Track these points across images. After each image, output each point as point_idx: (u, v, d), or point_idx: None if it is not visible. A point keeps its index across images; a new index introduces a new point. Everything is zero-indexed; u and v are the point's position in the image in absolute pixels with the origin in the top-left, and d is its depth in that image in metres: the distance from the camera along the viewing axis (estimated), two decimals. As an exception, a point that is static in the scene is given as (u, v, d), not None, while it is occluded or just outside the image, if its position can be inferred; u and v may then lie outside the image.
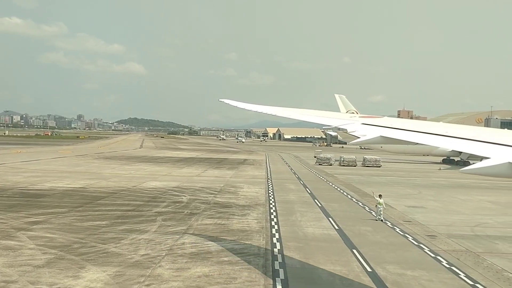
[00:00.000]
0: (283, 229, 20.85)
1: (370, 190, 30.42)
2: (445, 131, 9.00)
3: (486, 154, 7.59)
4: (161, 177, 41.72)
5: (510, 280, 14.49)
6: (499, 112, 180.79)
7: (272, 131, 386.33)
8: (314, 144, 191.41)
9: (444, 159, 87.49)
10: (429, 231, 21.93)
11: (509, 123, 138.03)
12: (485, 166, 7.29)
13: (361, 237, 20.04)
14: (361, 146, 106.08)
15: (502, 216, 26.89)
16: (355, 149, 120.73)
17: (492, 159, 7.31)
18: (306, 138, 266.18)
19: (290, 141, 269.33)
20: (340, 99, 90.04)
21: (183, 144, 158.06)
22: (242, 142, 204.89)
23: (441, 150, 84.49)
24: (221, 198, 29.46)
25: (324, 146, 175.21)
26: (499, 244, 19.59)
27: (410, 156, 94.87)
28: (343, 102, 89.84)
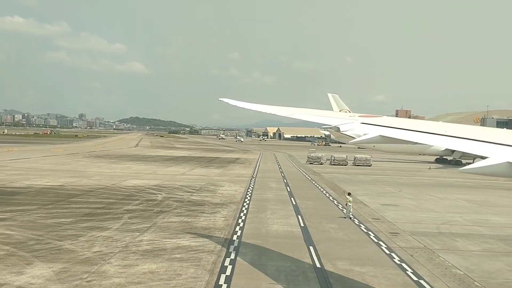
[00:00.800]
0: (247, 226, 21.06)
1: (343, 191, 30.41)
2: (444, 131, 9.11)
3: (485, 153, 7.72)
4: (145, 175, 41.98)
5: (456, 276, 14.69)
6: (497, 111, 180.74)
7: (272, 130, 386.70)
8: (313, 144, 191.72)
9: (437, 158, 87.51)
10: (394, 228, 22.12)
11: (506, 122, 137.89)
12: (484, 165, 7.42)
13: (323, 234, 20.25)
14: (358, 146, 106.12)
15: (472, 214, 27.03)
16: (352, 148, 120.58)
17: (491, 158, 7.43)
18: (306, 138, 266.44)
19: (290, 141, 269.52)
20: (333, 98, 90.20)
21: (180, 143, 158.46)
22: (240, 142, 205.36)
23: (434, 149, 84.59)
24: (197, 197, 29.69)
25: (323, 145, 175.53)
26: (459, 242, 19.74)
27: (406, 155, 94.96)
28: (336, 101, 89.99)
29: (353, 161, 69.85)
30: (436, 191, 38.57)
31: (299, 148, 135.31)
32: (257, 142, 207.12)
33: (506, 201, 33.98)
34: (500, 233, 21.87)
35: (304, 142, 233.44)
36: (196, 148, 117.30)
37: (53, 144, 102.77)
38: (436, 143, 8.85)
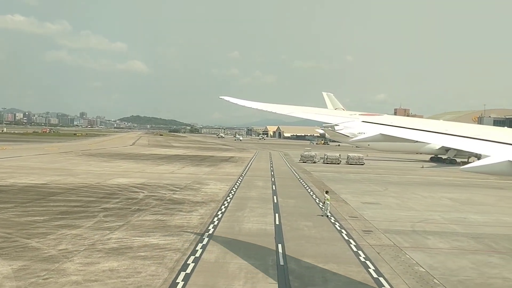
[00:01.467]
0: (222, 224, 21.14)
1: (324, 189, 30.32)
2: (445, 129, 9.08)
3: (486, 152, 7.70)
4: (133, 174, 42.10)
5: (417, 274, 14.74)
6: (495, 110, 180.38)
7: (272, 129, 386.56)
8: (312, 143, 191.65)
9: (432, 157, 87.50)
10: (369, 226, 22.19)
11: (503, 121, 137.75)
12: (485, 164, 7.43)
13: (295, 232, 20.32)
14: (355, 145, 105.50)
15: (452, 213, 27.06)
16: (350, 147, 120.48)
17: (492, 157, 7.42)
18: (306, 136, 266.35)
19: (290, 139, 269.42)
20: (328, 97, 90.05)
21: (178, 142, 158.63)
22: (239, 140, 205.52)
23: (429, 148, 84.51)
24: (179, 195, 29.79)
25: (321, 144, 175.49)
26: (430, 240, 19.81)
27: (403, 154, 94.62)
28: (331, 100, 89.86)
29: (346, 160, 69.98)
30: (422, 189, 38.61)
31: (297, 147, 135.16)
32: (256, 141, 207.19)
33: (490, 199, 34.01)
34: (474, 231, 21.94)
35: (303, 141, 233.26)
36: (192, 147, 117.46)
37: (50, 142, 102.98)
38: (437, 142, 8.86)
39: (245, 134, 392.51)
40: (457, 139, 8.39)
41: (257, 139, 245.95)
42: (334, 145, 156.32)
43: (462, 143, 8.24)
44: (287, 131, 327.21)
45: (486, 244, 19.37)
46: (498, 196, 35.86)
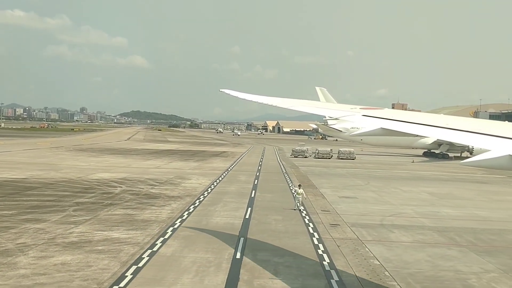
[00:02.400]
0: (190, 219, 21.23)
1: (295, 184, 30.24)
2: (446, 123, 9.08)
3: (486, 146, 7.73)
4: (117, 168, 42.21)
5: (370, 266, 14.76)
6: (493, 105, 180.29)
7: (271, 124, 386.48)
8: (310, 137, 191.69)
9: (425, 151, 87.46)
10: (338, 220, 22.30)
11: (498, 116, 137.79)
12: (485, 158, 7.50)
13: (262, 226, 20.42)
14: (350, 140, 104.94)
15: (426, 207, 27.16)
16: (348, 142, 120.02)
17: (492, 151, 7.47)
18: (305, 131, 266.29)
19: (289, 134, 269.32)
20: (321, 92, 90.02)
21: (175, 137, 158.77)
22: (238, 135, 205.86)
23: (421, 142, 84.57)
24: (157, 190, 29.87)
25: (320, 139, 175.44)
26: (395, 233, 19.90)
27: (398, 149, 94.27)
28: (324, 95, 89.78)
29: (338, 155, 70.14)
30: (405, 184, 38.71)
31: (293, 142, 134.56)
32: (254, 136, 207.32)
33: (470, 194, 34.09)
34: (442, 225, 22.05)
35: (302, 135, 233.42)
36: (188, 142, 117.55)
37: (44, 137, 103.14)
38: (438, 136, 8.89)
39: (245, 129, 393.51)
40: (458, 134, 8.40)
41: (256, 134, 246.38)
42: (331, 140, 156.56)
43: (463, 137, 8.29)
44: (286, 126, 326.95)
45: (449, 237, 19.48)
46: (479, 191, 35.93)
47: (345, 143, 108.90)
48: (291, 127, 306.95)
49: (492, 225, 22.45)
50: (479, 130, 8.27)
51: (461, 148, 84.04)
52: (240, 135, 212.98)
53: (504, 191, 36.56)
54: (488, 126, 8.72)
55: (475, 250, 17.50)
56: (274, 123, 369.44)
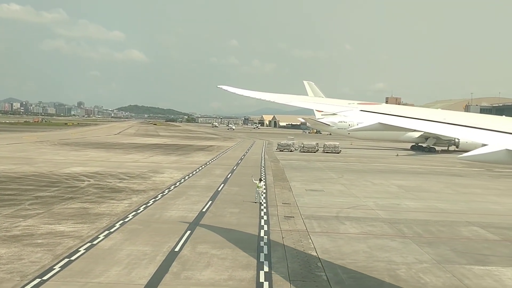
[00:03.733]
0: (145, 212, 21.32)
1: (251, 177, 30.23)
2: (443, 118, 9.11)
3: (483, 141, 7.77)
4: (94, 162, 42.21)
5: (306, 258, 14.97)
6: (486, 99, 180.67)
7: (268, 118, 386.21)
8: (304, 132, 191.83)
9: (412, 145, 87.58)
10: (295, 212, 22.44)
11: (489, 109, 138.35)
12: (482, 153, 7.54)
13: (215, 218, 20.54)
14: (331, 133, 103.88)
15: (389, 199, 27.29)
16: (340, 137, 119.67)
17: (489, 146, 7.49)
18: (301, 126, 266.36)
19: (285, 128, 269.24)
20: (308, 86, 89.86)
21: (168, 131, 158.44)
22: (232, 129, 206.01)
23: (408, 136, 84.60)
24: (124, 184, 29.91)
25: (314, 133, 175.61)
26: (345, 225, 20.07)
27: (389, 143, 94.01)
28: (312, 89, 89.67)
29: (323, 148, 70.31)
30: (378, 177, 38.84)
31: (286, 136, 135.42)
32: (249, 130, 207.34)
33: (439, 186, 34.23)
34: (396, 216, 22.21)
35: (298, 129, 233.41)
36: (178, 136, 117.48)
37: (34, 132, 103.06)
38: (435, 131, 8.88)
39: (242, 124, 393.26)
40: (455, 128, 8.42)
41: (252, 128, 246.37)
42: (325, 134, 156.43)
43: (460, 132, 8.32)
44: (282, 120, 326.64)
45: (398, 229, 19.65)
46: (449, 183, 36.02)
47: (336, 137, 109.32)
48: (287, 121, 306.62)
49: (447, 217, 22.65)
50: (476, 124, 8.34)
51: (447, 142, 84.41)
52: (235, 129, 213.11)
53: (474, 184, 36.70)
54: (485, 121, 8.78)
55: (418, 241, 17.71)
56: (271, 117, 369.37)
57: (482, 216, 22.84)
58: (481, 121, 8.72)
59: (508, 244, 17.54)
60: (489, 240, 18.21)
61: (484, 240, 18.16)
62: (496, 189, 33.51)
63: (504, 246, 17.34)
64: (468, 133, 8.08)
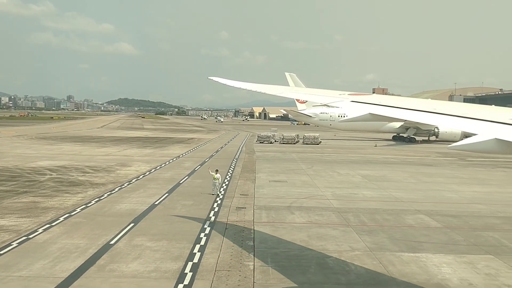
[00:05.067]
0: (95, 205, 21.18)
1: (208, 168, 30.00)
2: (433, 108, 9.12)
3: (473, 130, 7.77)
4: (64, 156, 41.82)
5: (241, 248, 15.02)
6: (472, 88, 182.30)
7: (258, 110, 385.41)
8: (292, 123, 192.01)
9: (394, 135, 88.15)
10: (249, 203, 22.50)
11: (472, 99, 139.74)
12: (472, 142, 7.59)
13: (165, 211, 20.49)
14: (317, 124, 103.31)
15: (348, 189, 27.49)
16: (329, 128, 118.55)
17: (479, 135, 7.51)
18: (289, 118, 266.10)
19: (275, 120, 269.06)
20: (290, 77, 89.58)
21: (154, 124, 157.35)
22: (220, 122, 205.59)
23: (389, 127, 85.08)
24: (86, 177, 29.64)
25: (302, 124, 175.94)
26: (294, 215, 20.18)
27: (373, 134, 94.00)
28: (294, 81, 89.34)
29: (303, 140, 70.54)
30: (346, 167, 39.02)
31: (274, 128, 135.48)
32: (238, 123, 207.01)
33: (403, 175, 34.54)
34: (348, 206, 22.42)
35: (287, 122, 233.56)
36: (162, 129, 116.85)
37: (16, 126, 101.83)
38: (426, 121, 8.93)
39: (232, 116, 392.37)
40: (445, 118, 8.48)
41: (240, 121, 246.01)
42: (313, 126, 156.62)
43: (450, 121, 8.36)
44: (272, 112, 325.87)
45: (344, 218, 19.84)
46: (415, 173, 36.36)
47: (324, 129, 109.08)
48: (277, 113, 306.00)
49: (399, 205, 22.87)
50: (466, 114, 8.37)
51: (427, 132, 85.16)
52: (223, 121, 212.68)
53: (440, 173, 37.05)
54: (475, 110, 8.80)
55: (359, 230, 17.90)
56: (261, 109, 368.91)
57: (434, 204, 23.17)
58: (471, 110, 8.78)
59: (448, 231, 17.82)
60: (430, 227, 18.50)
61: (425, 227, 18.44)
62: (460, 178, 33.95)
63: (443, 233, 17.62)
64: (459, 123, 8.16)
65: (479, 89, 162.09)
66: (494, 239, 16.74)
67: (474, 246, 15.87)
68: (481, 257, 14.56)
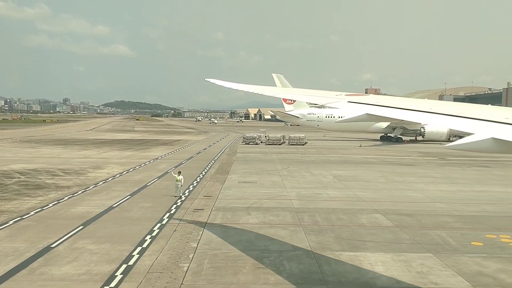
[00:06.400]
0: (51, 208, 21.06)
1: (172, 170, 29.73)
2: (430, 108, 9.09)
3: (470, 130, 7.75)
4: (41, 159, 41.57)
5: (183, 249, 14.89)
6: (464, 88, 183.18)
7: (253, 111, 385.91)
8: (286, 124, 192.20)
9: (381, 135, 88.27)
10: (208, 205, 22.37)
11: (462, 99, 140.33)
12: (469, 141, 7.57)
13: (120, 213, 20.36)
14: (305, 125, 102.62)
15: (314, 189, 27.44)
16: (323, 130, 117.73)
17: (476, 134, 7.50)
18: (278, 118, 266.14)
19: (270, 121, 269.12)
20: (277, 78, 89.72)
21: (146, 126, 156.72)
22: (214, 123, 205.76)
23: (376, 127, 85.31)
24: (54, 180, 29.51)
25: (295, 125, 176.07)
26: (250, 216, 20.06)
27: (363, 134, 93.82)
28: (281, 81, 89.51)
29: (288, 141, 70.57)
30: (322, 167, 39.02)
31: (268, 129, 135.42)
32: (231, 124, 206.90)
33: (374, 175, 34.51)
34: (308, 206, 22.38)
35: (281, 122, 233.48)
36: (152, 131, 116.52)
37: (5, 129, 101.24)
38: (423, 121, 8.91)
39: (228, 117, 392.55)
40: (442, 118, 8.49)
41: (235, 122, 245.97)
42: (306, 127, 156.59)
43: (447, 121, 8.37)
44: (267, 113, 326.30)
45: (299, 218, 19.79)
46: (388, 172, 36.38)
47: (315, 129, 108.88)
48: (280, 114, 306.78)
49: (358, 205, 22.86)
50: (462, 113, 8.36)
51: (413, 132, 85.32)
52: (217, 123, 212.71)
53: (413, 172, 37.04)
54: (471, 110, 8.80)
55: (309, 229, 17.86)
56: (256, 110, 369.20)
57: (393, 204, 23.20)
58: (468, 110, 8.78)
59: (397, 230, 17.81)
60: (381, 226, 18.49)
61: (375, 226, 18.42)
62: (431, 177, 33.98)
63: (391, 232, 17.60)
64: (453, 122, 8.17)
65: (469, 89, 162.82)
66: (440, 238, 16.78)
67: (417, 244, 15.88)
68: (419, 255, 14.57)
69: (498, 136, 7.19)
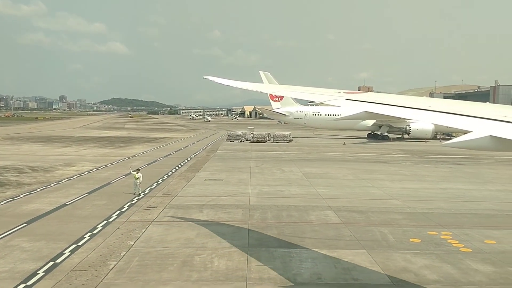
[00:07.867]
0: (7, 204, 20.88)
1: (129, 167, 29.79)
2: (428, 105, 9.12)
3: (468, 127, 7.74)
4: (15, 156, 41.33)
5: (119, 247, 14.78)
6: (456, 86, 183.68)
7: (249, 109, 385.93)
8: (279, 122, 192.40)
9: (368, 133, 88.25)
10: (164, 202, 22.26)
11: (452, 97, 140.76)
12: (467, 139, 7.56)
13: (71, 211, 20.14)
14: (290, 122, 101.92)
15: (279, 186, 27.38)
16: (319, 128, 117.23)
17: (474, 132, 7.50)
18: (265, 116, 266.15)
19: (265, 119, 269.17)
20: (265, 76, 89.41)
21: (137, 124, 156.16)
22: (208, 121, 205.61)
23: (362, 125, 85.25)
24: (19, 177, 29.21)
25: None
26: (202, 213, 19.98)
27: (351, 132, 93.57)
28: (268, 79, 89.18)
29: (273, 138, 70.51)
30: (295, 165, 38.92)
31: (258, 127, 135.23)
32: (225, 122, 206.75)
33: (344, 173, 34.43)
34: (264, 203, 22.31)
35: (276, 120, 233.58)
36: (142, 128, 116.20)
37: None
38: (421, 118, 8.99)
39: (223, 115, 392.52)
40: (440, 115, 8.49)
41: (229, 120, 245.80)
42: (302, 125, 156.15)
43: (445, 119, 8.37)
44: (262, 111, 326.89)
45: (250, 215, 19.72)
46: (358, 170, 36.23)
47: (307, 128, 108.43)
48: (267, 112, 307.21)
49: (315, 202, 22.81)
50: (461, 111, 8.37)
51: (399, 129, 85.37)
52: (211, 120, 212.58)
53: (385, 170, 36.89)
54: (470, 108, 8.81)
55: (255, 226, 17.79)
56: (251, 108, 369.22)
57: (350, 201, 23.16)
58: (466, 108, 8.79)
59: (341, 227, 17.74)
60: (327, 223, 18.41)
61: (322, 223, 18.35)
62: (401, 175, 33.91)
63: (334, 229, 17.52)
64: (451, 120, 8.19)
65: (460, 87, 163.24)
66: (381, 234, 16.73)
67: (355, 241, 15.85)
68: (352, 252, 14.53)
69: (496, 134, 7.22)
